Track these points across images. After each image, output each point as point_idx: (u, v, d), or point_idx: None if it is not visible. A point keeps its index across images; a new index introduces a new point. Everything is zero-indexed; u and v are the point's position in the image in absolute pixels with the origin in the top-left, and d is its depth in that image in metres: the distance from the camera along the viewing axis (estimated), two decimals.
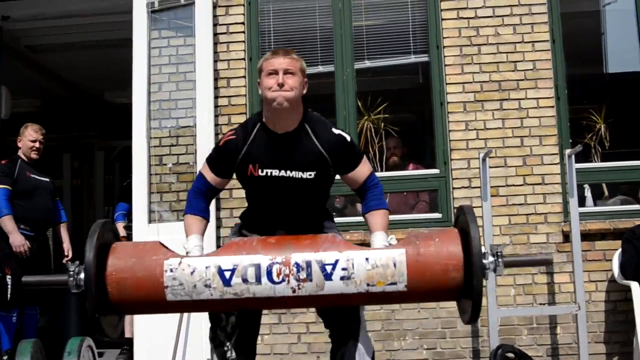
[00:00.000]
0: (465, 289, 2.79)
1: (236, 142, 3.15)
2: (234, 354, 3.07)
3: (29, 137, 5.91)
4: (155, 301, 2.86)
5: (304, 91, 3.20)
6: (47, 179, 6.04)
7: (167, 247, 2.98)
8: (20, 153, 5.92)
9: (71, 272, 2.82)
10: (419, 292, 2.82)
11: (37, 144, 5.91)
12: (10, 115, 7.45)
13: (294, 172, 3.11)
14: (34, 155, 5.90)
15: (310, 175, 3.11)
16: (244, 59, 5.98)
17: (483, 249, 2.80)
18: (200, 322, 5.45)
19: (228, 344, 3.06)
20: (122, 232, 6.87)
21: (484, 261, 2.79)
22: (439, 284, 2.79)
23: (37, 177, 5.94)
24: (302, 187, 3.13)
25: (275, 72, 3.08)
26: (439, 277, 2.78)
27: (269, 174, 3.11)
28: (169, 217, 5.86)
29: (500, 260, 2.84)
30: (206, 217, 3.21)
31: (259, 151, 3.13)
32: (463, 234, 2.85)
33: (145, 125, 5.85)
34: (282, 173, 3.11)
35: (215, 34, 5.89)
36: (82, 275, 2.80)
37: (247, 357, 3.12)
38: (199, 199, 3.22)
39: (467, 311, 2.86)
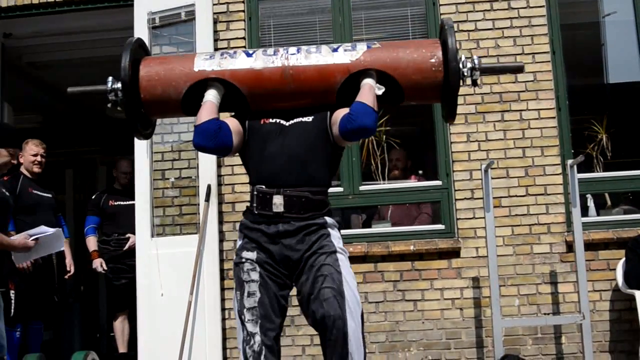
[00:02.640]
0: (445, 87, 3.26)
1: None
2: None
3: (31, 152, 5.92)
4: (186, 72, 3.31)
5: None
6: (49, 195, 6.04)
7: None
8: (22, 169, 5.92)
9: (109, 82, 3.32)
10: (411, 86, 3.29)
11: (38, 158, 5.92)
12: None
13: (295, 119, 3.33)
14: (36, 169, 5.91)
15: (308, 119, 3.32)
16: None
17: (462, 57, 3.28)
18: (204, 334, 5.47)
19: None
20: (94, 247, 6.66)
21: (462, 67, 3.26)
22: (425, 78, 3.27)
23: (39, 192, 5.94)
24: (303, 131, 3.30)
25: None
26: (425, 73, 3.27)
27: (277, 121, 3.33)
28: (171, 231, 5.87)
29: (476, 65, 3.29)
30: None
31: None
32: (444, 44, 3.29)
33: (147, 140, 5.86)
34: (287, 123, 3.32)
35: (216, 49, 5.91)
36: (118, 84, 3.30)
37: None
38: None
39: (446, 107, 3.41)
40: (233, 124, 3.32)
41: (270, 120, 3.34)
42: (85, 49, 7.52)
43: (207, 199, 5.63)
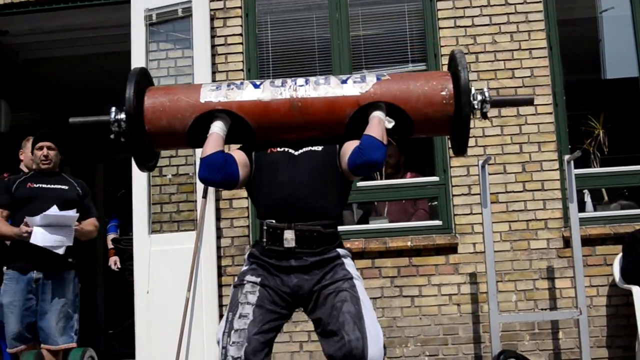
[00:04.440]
0: (455, 120, 3.24)
1: None
2: None
3: (31, 149, 5.86)
4: (192, 104, 3.26)
5: None
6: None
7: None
8: (22, 166, 5.88)
9: (112, 113, 3.24)
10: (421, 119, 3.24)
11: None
12: (9, 128, 7.46)
13: (304, 149, 3.26)
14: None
15: (318, 148, 3.25)
16: (242, 70, 6.00)
17: (473, 90, 3.23)
18: (202, 331, 5.47)
19: None
20: (110, 245, 6.89)
21: (472, 100, 3.22)
22: (435, 111, 3.23)
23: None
24: (312, 161, 3.23)
25: None
26: (436, 106, 3.22)
27: (286, 150, 3.26)
28: (169, 227, 5.87)
29: (487, 98, 3.26)
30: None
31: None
32: (455, 77, 3.25)
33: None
34: (296, 152, 3.26)
35: (213, 46, 5.91)
36: (122, 115, 3.23)
37: None
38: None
39: (457, 141, 3.36)
40: (239, 156, 3.25)
41: (278, 149, 3.27)
42: (82, 45, 7.51)
43: (205, 196, 5.63)
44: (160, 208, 5.91)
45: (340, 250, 3.22)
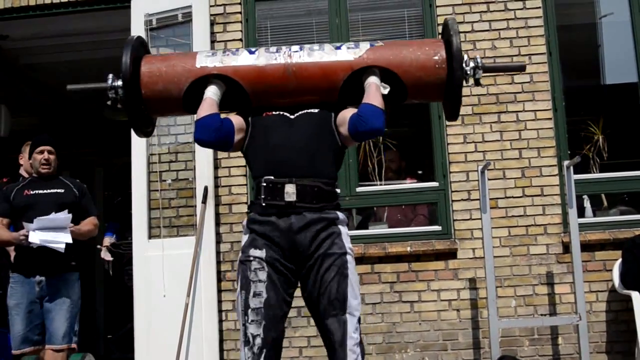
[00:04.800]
0: (448, 84, 3.28)
1: None
2: None
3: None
4: (188, 69, 3.31)
5: None
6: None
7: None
8: (21, 171, 5.88)
9: (109, 79, 3.33)
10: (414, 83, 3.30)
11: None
12: (9, 133, 7.46)
13: (300, 112, 3.31)
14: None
15: (314, 110, 3.31)
16: None
17: (465, 56, 3.31)
18: (201, 336, 5.47)
19: None
20: (105, 242, 6.92)
21: (465, 66, 3.30)
22: (428, 75, 3.28)
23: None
24: (308, 123, 3.29)
25: None
26: (429, 70, 3.28)
27: (281, 113, 3.31)
28: (168, 232, 5.87)
29: (479, 64, 3.32)
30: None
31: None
32: (447, 43, 3.32)
33: (144, 142, 5.86)
34: (292, 116, 3.31)
35: (213, 50, 5.91)
36: (119, 82, 3.31)
37: None
38: None
39: (449, 106, 3.41)
40: (236, 119, 3.32)
41: (274, 112, 3.32)
42: (82, 50, 7.51)
43: (204, 201, 5.63)
44: (160, 213, 5.91)
45: (339, 214, 3.26)
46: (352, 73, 3.28)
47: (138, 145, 5.87)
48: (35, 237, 4.77)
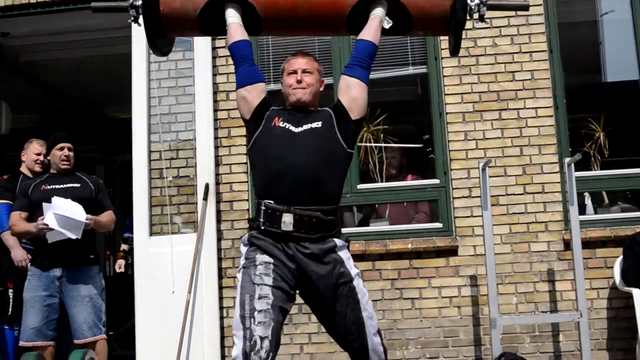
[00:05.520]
0: (451, 17, 3.43)
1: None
2: None
3: (34, 151, 5.87)
4: None
5: (321, 89, 3.55)
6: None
7: None
8: (22, 168, 5.90)
9: (131, 1, 3.53)
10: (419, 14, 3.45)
11: (41, 157, 5.88)
12: (10, 130, 7.46)
13: (305, 126, 3.35)
14: (37, 169, 5.84)
15: (318, 124, 3.35)
16: None
17: None
18: (202, 333, 5.47)
19: None
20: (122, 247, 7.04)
21: (470, 2, 3.42)
22: (433, 5, 3.43)
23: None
24: (312, 139, 3.32)
25: (294, 72, 3.46)
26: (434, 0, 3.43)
27: (287, 126, 3.34)
28: (170, 229, 5.87)
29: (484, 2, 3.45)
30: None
31: (282, 113, 3.44)
32: None
33: (145, 139, 5.88)
34: (296, 130, 3.34)
35: (214, 48, 5.92)
36: (139, 1, 3.52)
37: None
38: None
39: (451, 42, 3.60)
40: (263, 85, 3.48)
41: (281, 124, 3.34)
42: (83, 48, 7.51)
43: (205, 198, 5.64)
44: (161, 210, 5.91)
45: (337, 241, 3.27)
46: (360, 1, 3.42)
47: (139, 142, 5.87)
48: (52, 218, 4.81)
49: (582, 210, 5.65)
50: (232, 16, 3.45)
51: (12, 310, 5.62)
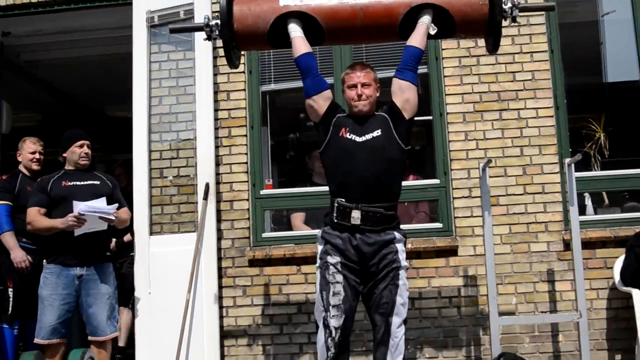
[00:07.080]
0: (490, 19, 4.02)
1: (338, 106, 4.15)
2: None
3: (29, 150, 5.88)
4: (273, 6, 4.07)
5: (377, 94, 4.08)
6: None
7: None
8: (20, 167, 5.90)
9: (205, 19, 4.19)
10: (461, 18, 4.03)
11: (37, 155, 5.88)
12: (11, 130, 7.46)
13: (367, 135, 3.91)
14: (35, 167, 5.86)
15: (378, 132, 3.91)
16: (243, 72, 6.01)
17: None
18: (202, 332, 5.48)
19: (334, 350, 3.80)
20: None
21: (504, 5, 4.02)
22: (473, 10, 4.02)
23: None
24: (374, 147, 3.88)
25: (354, 86, 4.00)
26: (474, 6, 4.02)
27: (352, 137, 3.91)
28: (170, 229, 5.88)
29: (516, 3, 4.04)
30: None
31: (347, 121, 4.01)
32: None
33: (145, 138, 5.88)
34: (359, 140, 3.91)
35: (215, 48, 5.91)
36: (215, 21, 4.16)
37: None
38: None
39: (490, 42, 4.25)
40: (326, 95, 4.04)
41: (347, 135, 3.91)
42: (84, 47, 7.53)
43: (205, 197, 5.64)
44: (161, 209, 5.92)
45: (397, 234, 3.91)
46: (410, 9, 3.95)
47: (139, 142, 5.87)
48: (83, 207, 4.94)
49: (582, 210, 5.65)
50: (295, 30, 4.00)
51: (12, 310, 5.61)
